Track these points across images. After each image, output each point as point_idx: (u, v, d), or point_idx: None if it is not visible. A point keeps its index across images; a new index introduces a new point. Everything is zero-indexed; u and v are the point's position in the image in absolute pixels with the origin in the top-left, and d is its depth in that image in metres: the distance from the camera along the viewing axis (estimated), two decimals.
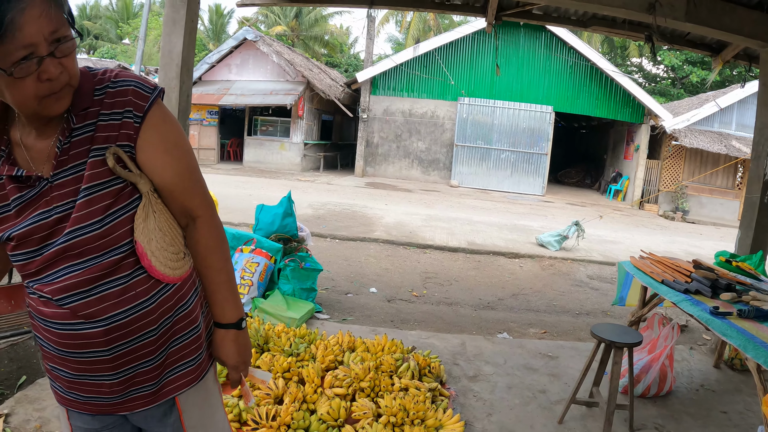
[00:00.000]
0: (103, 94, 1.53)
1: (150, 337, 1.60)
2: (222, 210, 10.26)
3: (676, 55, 32.96)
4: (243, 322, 1.81)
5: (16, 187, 1.50)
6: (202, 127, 25.22)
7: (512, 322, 6.76)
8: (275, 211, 6.65)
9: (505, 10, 6.36)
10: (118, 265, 1.53)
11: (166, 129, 1.61)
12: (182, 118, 5.43)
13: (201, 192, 1.71)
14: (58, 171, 1.48)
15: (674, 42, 6.36)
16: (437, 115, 23.86)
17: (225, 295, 1.77)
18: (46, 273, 1.51)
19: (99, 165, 1.49)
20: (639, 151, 22.24)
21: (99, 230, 1.49)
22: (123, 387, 1.61)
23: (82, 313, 1.51)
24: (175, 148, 1.63)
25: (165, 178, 1.61)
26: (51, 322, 1.54)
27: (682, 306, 3.92)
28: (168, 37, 5.32)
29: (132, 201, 1.55)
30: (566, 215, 16.29)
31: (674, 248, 12.92)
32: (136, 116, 1.54)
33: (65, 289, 1.50)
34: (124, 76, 1.57)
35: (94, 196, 1.49)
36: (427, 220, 13.83)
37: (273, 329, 4.76)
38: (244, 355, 1.83)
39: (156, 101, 1.58)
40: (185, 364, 1.70)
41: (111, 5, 50.51)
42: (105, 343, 1.54)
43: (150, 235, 1.57)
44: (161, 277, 1.59)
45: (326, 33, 43.63)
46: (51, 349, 1.60)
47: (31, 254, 1.51)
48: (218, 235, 1.75)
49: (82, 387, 1.62)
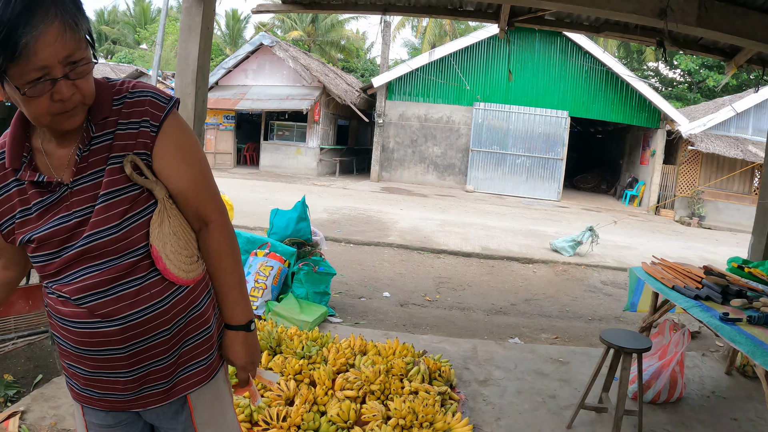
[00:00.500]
0: (121, 104, 1.60)
1: (163, 336, 1.66)
2: (238, 214, 10.37)
3: (692, 59, 32.73)
4: (252, 325, 1.87)
5: (38, 192, 1.57)
6: (218, 132, 25.40)
7: (524, 327, 6.78)
8: (289, 215, 6.72)
9: (518, 16, 6.38)
10: (134, 267, 1.59)
11: (181, 138, 1.68)
12: (198, 123, 5.50)
13: (214, 198, 1.78)
14: (77, 177, 1.56)
15: (687, 47, 6.36)
16: (453, 120, 23.88)
17: (235, 298, 1.83)
18: (65, 274, 1.58)
19: (117, 172, 1.56)
20: (655, 156, 22.13)
21: (116, 234, 1.56)
22: (137, 384, 1.67)
23: (99, 313, 1.57)
24: (189, 157, 1.70)
25: (180, 185, 1.67)
26: (69, 321, 1.61)
27: (692, 312, 3.93)
28: (184, 43, 5.40)
29: (148, 206, 1.62)
30: (581, 221, 16.24)
31: (689, 254, 12.86)
32: (152, 126, 1.61)
33: (83, 289, 1.57)
34: (142, 87, 1.65)
35: (111, 201, 1.55)
36: (441, 225, 13.86)
37: (286, 332, 4.82)
38: (253, 356, 1.88)
39: (171, 111, 1.66)
40: (197, 363, 1.76)
41: (129, 10, 50.93)
42: (120, 342, 1.60)
43: (164, 239, 1.63)
44: (175, 279, 1.65)
45: (342, 38, 43.69)
46: (68, 347, 1.66)
47: (50, 256, 1.58)
48: (230, 240, 1.81)
49: (97, 384, 1.68)
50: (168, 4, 17.62)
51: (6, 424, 3.46)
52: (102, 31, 49.15)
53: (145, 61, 40.04)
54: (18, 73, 1.36)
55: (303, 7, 6.54)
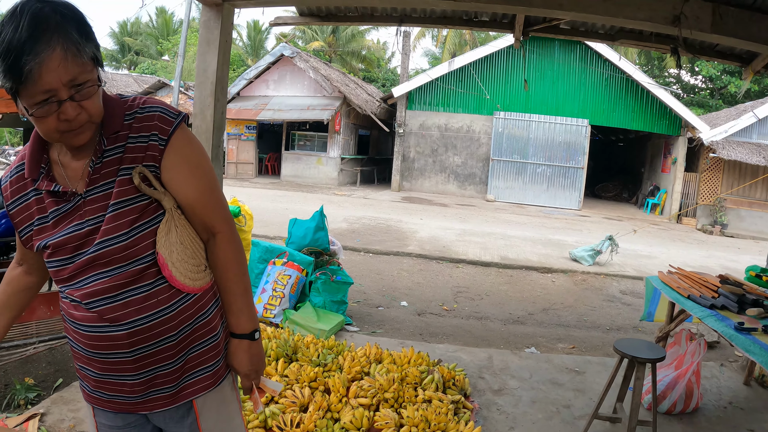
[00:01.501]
0: (132, 119, 1.69)
1: (170, 342, 1.72)
2: (258, 224, 10.45)
3: (713, 65, 32.45)
4: (256, 334, 1.92)
5: (54, 201, 1.67)
6: (240, 142, 25.61)
7: (541, 336, 6.77)
8: (307, 225, 6.78)
9: (533, 26, 6.39)
10: (141, 274, 1.66)
11: (189, 151, 1.76)
12: (217, 135, 5.57)
13: (221, 209, 1.84)
14: (90, 188, 1.64)
15: (703, 53, 6.32)
16: (473, 130, 23.88)
17: (240, 307, 1.88)
18: (77, 279, 1.66)
19: (126, 183, 1.64)
20: (676, 163, 21.96)
21: (125, 242, 1.63)
22: (144, 387, 1.73)
23: (107, 317, 1.65)
24: (197, 169, 1.77)
25: (187, 196, 1.74)
26: (80, 324, 1.69)
27: (707, 322, 3.91)
28: (203, 56, 5.48)
29: (156, 216, 1.69)
30: (602, 230, 16.14)
31: (711, 263, 12.75)
32: (161, 139, 1.69)
33: (93, 294, 1.64)
34: (151, 103, 1.73)
35: (121, 210, 1.63)
36: (461, 235, 13.86)
37: (302, 340, 4.86)
38: (256, 364, 1.93)
39: (180, 126, 1.73)
40: (203, 369, 1.81)
41: (151, 22, 51.56)
42: (128, 345, 1.67)
43: (171, 248, 1.70)
44: (181, 287, 1.72)
45: (363, 48, 43.87)
46: (80, 349, 1.74)
47: (64, 261, 1.67)
48: (236, 250, 1.87)
49: (106, 386, 1.75)
50: (190, 15, 17.85)
51: (26, 425, 3.55)
52: (125, 43, 49.86)
53: (167, 72, 40.48)
54: (26, 94, 1.45)
55: (320, 20, 6.61)
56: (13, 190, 1.73)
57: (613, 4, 4.97)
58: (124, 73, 39.28)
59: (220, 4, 5.34)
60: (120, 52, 51.00)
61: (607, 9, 4.99)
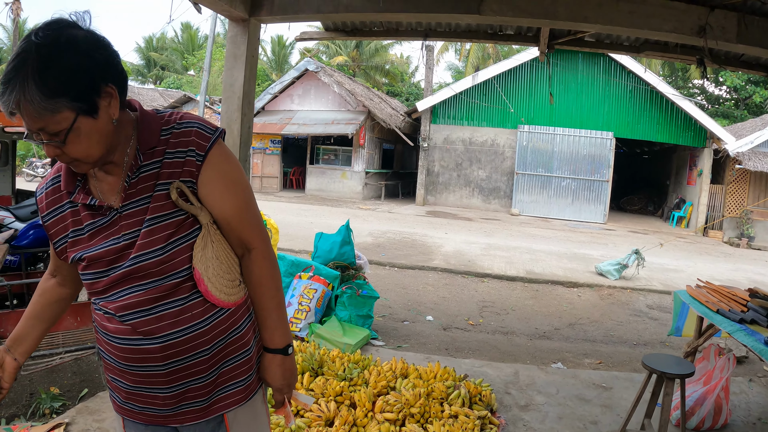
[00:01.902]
0: (169, 134, 1.70)
1: (203, 356, 1.73)
2: (283, 237, 10.51)
3: (738, 76, 32.14)
4: (290, 349, 1.92)
5: (90, 214, 1.69)
6: (265, 156, 25.80)
7: (567, 352, 6.72)
8: (334, 239, 6.81)
9: (557, 39, 6.40)
10: (176, 288, 1.68)
11: (226, 167, 1.76)
12: (244, 149, 5.63)
13: (257, 225, 1.85)
14: (126, 202, 1.66)
15: (729, 64, 6.28)
16: (497, 143, 23.84)
17: (274, 322, 1.89)
18: (112, 292, 1.68)
19: (163, 198, 1.66)
20: (702, 176, 21.70)
21: (161, 256, 1.64)
22: (176, 400, 1.74)
23: (141, 330, 1.66)
24: (233, 185, 1.77)
25: (224, 212, 1.75)
26: (113, 337, 1.71)
27: (736, 336, 3.86)
28: (230, 71, 5.55)
29: (192, 231, 1.70)
30: (628, 243, 16.01)
31: (738, 276, 12.59)
32: (198, 155, 1.70)
33: (127, 307, 1.66)
34: (189, 119, 1.74)
35: (157, 225, 1.65)
36: (486, 249, 13.82)
37: (328, 354, 4.87)
38: (289, 379, 1.94)
39: (217, 141, 1.74)
40: (235, 383, 1.82)
41: (177, 37, 52.28)
42: (161, 359, 1.68)
43: (207, 263, 1.71)
44: (216, 301, 1.73)
45: (387, 62, 44.07)
46: (112, 361, 1.76)
47: (99, 274, 1.69)
48: (271, 266, 1.88)
49: (138, 398, 1.76)
50: (215, 31, 18.07)
51: None
52: (151, 58, 50.63)
53: (192, 86, 40.94)
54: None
55: (345, 34, 6.67)
56: (48, 202, 1.76)
57: (638, 16, 4.97)
58: (150, 88, 39.79)
59: (246, 20, 5.41)
60: (146, 67, 51.74)
61: (632, 21, 4.99)
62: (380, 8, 5.20)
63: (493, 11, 5.05)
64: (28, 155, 28.33)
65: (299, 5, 5.38)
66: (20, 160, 24.92)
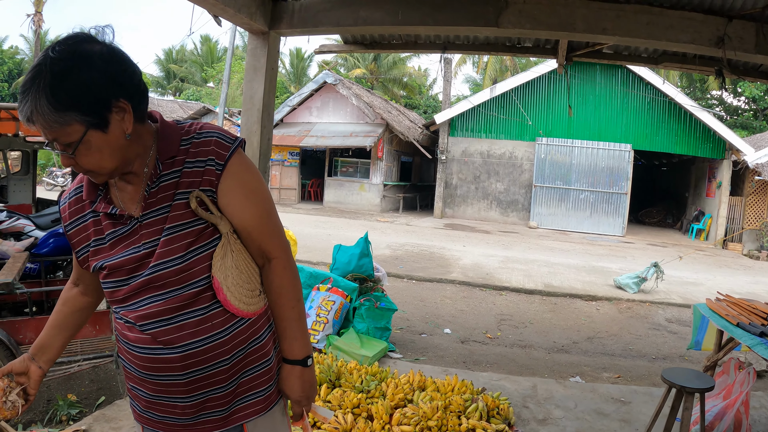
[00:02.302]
0: (189, 144, 1.72)
1: (223, 366, 1.74)
2: (301, 249, 10.54)
3: (756, 86, 31.89)
4: (309, 360, 1.92)
5: (111, 223, 1.71)
6: (283, 168, 25.92)
7: (586, 365, 6.67)
8: (352, 251, 6.82)
9: (576, 51, 6.40)
10: (196, 297, 1.69)
11: (246, 176, 1.77)
12: (263, 161, 5.67)
13: (277, 235, 1.85)
14: (146, 212, 1.68)
15: (747, 74, 6.24)
16: (515, 156, 23.79)
17: (294, 333, 1.89)
18: (132, 301, 1.70)
19: (183, 207, 1.68)
20: (721, 187, 21.46)
21: (180, 265, 1.66)
22: (195, 410, 1.75)
23: (161, 339, 1.67)
24: (253, 194, 1.78)
25: (244, 221, 1.76)
26: (134, 346, 1.72)
27: (756, 350, 3.82)
28: (249, 83, 5.60)
29: (212, 240, 1.71)
30: (646, 256, 15.88)
31: (758, 289, 12.43)
32: (218, 164, 1.71)
33: (148, 316, 1.67)
34: (209, 129, 1.76)
35: (177, 234, 1.66)
36: (504, 262, 13.77)
37: (345, 366, 4.87)
38: (308, 391, 1.92)
39: (237, 151, 1.75)
40: (255, 394, 1.82)
41: (196, 50, 52.77)
42: (181, 368, 1.69)
43: (227, 272, 1.72)
44: (236, 311, 1.74)
45: (405, 75, 44.16)
46: (132, 370, 1.77)
47: (119, 283, 1.71)
48: (292, 276, 1.88)
49: (157, 407, 1.77)
50: (234, 43, 18.23)
51: None
52: (171, 70, 51.15)
53: (212, 98, 41.26)
54: None
55: (364, 47, 6.71)
56: (71, 212, 1.79)
57: (656, 27, 4.97)
58: (169, 100, 40.15)
59: (266, 33, 5.46)
60: (165, 79, 52.24)
61: (650, 32, 4.98)
62: (399, 21, 5.23)
63: (512, 24, 5.07)
64: (49, 164, 28.62)
65: (318, 18, 5.43)
66: (41, 170, 25.21)
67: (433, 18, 5.20)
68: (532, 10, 5.05)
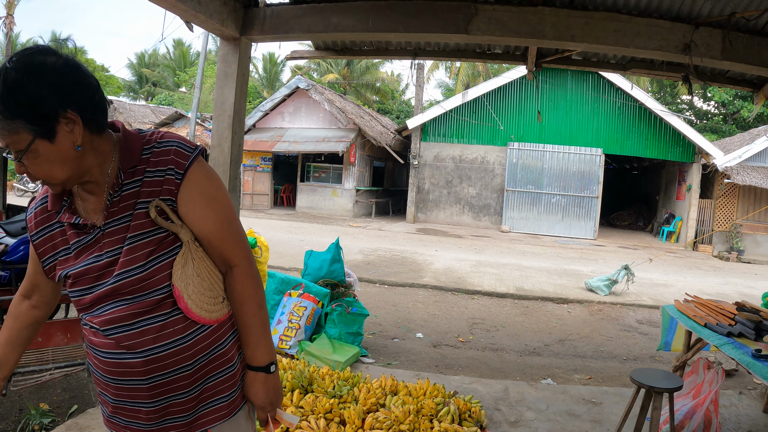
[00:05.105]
0: (150, 153, 1.74)
1: (185, 371, 1.75)
2: (273, 255, 10.49)
3: (726, 91, 32.45)
4: (272, 367, 1.93)
5: (75, 232, 1.74)
6: (256, 173, 25.83)
7: (557, 368, 6.73)
8: (323, 257, 6.81)
9: (545, 57, 6.47)
10: (158, 304, 1.71)
11: (206, 185, 1.79)
12: (234, 167, 5.65)
13: (239, 243, 1.86)
14: (108, 221, 1.70)
15: (714, 80, 6.35)
16: (487, 161, 23.94)
17: (257, 340, 1.89)
18: (97, 307, 1.72)
19: (144, 216, 1.70)
20: (691, 190, 21.84)
21: (142, 273, 1.68)
22: (159, 415, 1.76)
23: (124, 344, 1.69)
24: (213, 202, 1.80)
25: (204, 229, 1.78)
26: (99, 351, 1.74)
27: (724, 349, 3.89)
28: (221, 89, 5.59)
29: (173, 248, 1.73)
30: (617, 259, 16.07)
31: (728, 290, 12.64)
32: (177, 173, 1.73)
33: (110, 321, 1.69)
34: (169, 138, 1.78)
35: (138, 243, 1.68)
36: (476, 266, 13.84)
37: (318, 371, 4.86)
38: (272, 397, 1.93)
39: (196, 159, 1.77)
40: (219, 399, 1.83)
41: (168, 54, 52.40)
42: (143, 373, 1.71)
43: (188, 280, 1.73)
44: (197, 318, 1.75)
45: (377, 80, 44.26)
46: (98, 374, 1.79)
47: (85, 291, 1.73)
48: (254, 283, 1.89)
49: (122, 412, 1.78)
50: (207, 48, 18.17)
51: None
52: (143, 74, 50.81)
53: (184, 103, 41.04)
54: None
55: (335, 53, 6.73)
56: (37, 221, 1.80)
57: (624, 34, 5.04)
58: (141, 104, 39.85)
59: (237, 39, 5.46)
60: (137, 83, 51.85)
61: (618, 39, 5.05)
62: (370, 28, 5.25)
63: (481, 31, 5.11)
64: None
65: (290, 25, 5.43)
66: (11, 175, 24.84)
67: (404, 25, 5.23)
68: (501, 17, 5.09)
